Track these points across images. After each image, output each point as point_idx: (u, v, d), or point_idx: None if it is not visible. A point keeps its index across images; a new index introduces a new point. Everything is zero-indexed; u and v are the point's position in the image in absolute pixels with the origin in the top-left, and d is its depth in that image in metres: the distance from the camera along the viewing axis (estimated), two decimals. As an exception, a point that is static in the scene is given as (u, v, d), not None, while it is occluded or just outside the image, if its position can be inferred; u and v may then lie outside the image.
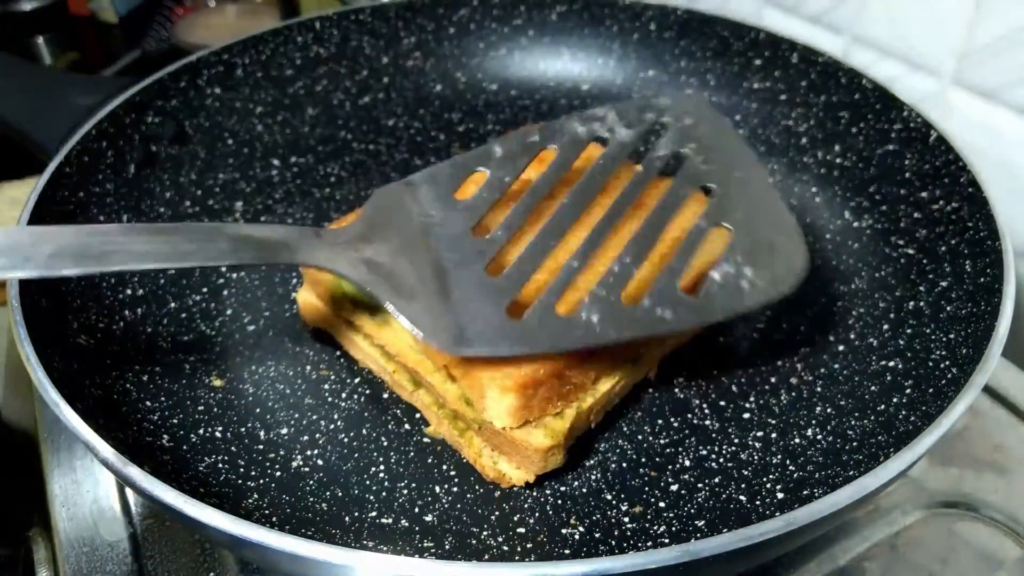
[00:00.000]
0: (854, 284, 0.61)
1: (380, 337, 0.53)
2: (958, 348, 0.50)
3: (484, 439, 0.49)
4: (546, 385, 0.46)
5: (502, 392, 0.45)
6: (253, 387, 0.54)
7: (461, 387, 0.49)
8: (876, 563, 0.51)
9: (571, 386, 0.48)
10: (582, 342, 0.43)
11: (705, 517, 0.47)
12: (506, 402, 0.46)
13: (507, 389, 0.45)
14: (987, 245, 0.53)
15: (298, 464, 0.49)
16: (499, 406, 0.46)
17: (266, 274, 0.62)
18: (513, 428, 0.47)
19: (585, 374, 0.48)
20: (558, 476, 0.50)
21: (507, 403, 0.46)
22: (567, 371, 0.47)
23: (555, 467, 0.48)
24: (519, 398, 0.46)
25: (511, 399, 0.46)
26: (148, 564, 0.50)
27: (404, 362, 0.52)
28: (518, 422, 0.47)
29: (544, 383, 0.46)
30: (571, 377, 0.47)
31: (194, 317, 0.58)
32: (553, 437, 0.47)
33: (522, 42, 0.81)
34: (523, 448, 0.47)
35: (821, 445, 0.50)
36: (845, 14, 0.75)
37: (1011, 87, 0.65)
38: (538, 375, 0.46)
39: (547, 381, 0.46)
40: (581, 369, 0.48)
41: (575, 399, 0.49)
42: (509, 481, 0.49)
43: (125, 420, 0.48)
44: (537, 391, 0.46)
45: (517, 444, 0.47)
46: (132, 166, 0.63)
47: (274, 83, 0.74)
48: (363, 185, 0.71)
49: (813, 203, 0.68)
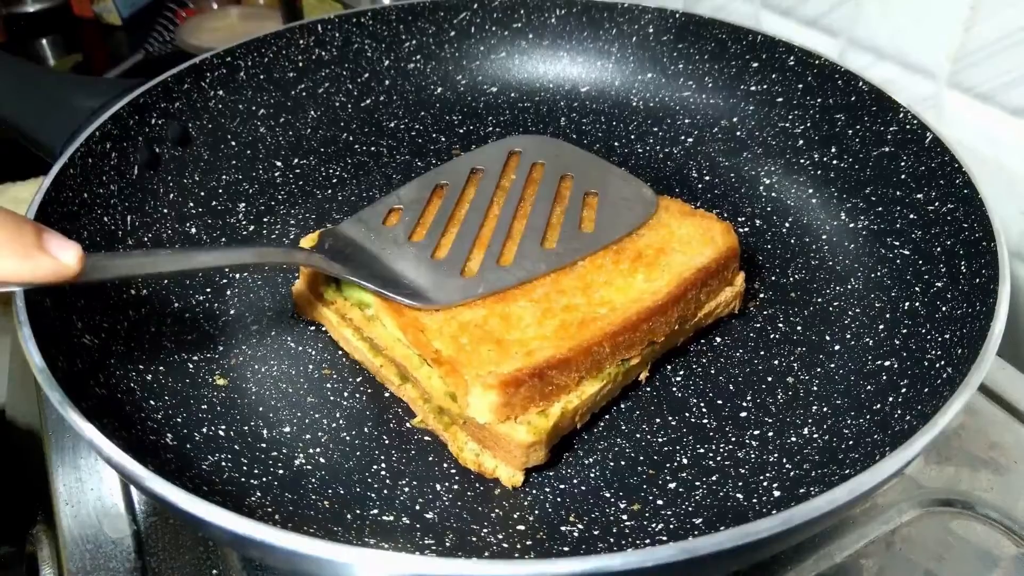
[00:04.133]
0: (850, 284, 0.61)
1: (369, 330, 0.54)
2: (953, 348, 0.50)
3: (469, 433, 0.50)
4: (528, 384, 0.48)
5: (484, 389, 0.47)
6: (256, 386, 0.55)
7: (446, 383, 0.49)
8: (873, 560, 0.51)
9: (553, 386, 0.49)
10: (521, 278, 0.54)
11: (703, 515, 0.47)
12: (488, 399, 0.47)
13: (489, 386, 0.47)
14: (982, 246, 0.53)
15: (300, 462, 0.50)
16: (482, 403, 0.48)
17: (268, 274, 0.63)
18: (495, 424, 0.48)
19: (568, 376, 0.50)
20: (557, 474, 0.50)
21: (489, 400, 0.47)
22: (549, 371, 0.49)
23: (536, 463, 0.49)
24: (501, 395, 0.47)
25: (493, 396, 0.47)
26: (152, 561, 0.50)
27: (392, 356, 0.53)
28: (500, 419, 0.48)
29: (526, 382, 0.48)
30: (553, 377, 0.49)
31: (197, 317, 0.59)
32: (535, 434, 0.48)
33: (522, 45, 0.81)
34: (505, 443, 0.48)
35: (818, 444, 0.51)
36: (841, 17, 0.76)
37: (1006, 89, 0.65)
38: (520, 374, 0.48)
39: (529, 380, 0.48)
40: (564, 370, 0.49)
41: (558, 399, 0.50)
42: (491, 472, 0.50)
43: (129, 419, 0.48)
44: (519, 389, 0.48)
45: (500, 439, 0.48)
46: (136, 167, 0.63)
47: (276, 85, 0.74)
48: (364, 186, 0.72)
49: (809, 204, 0.68)
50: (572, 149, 0.66)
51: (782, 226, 0.68)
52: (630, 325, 0.51)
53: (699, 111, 0.77)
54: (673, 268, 0.55)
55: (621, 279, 0.54)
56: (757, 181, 0.72)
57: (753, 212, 0.69)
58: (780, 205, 0.69)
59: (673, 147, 0.75)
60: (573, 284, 0.54)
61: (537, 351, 0.49)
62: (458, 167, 0.64)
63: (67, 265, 0.40)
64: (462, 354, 0.49)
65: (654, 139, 0.76)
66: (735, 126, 0.75)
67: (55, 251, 0.40)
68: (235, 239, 0.65)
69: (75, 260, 0.40)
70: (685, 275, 0.54)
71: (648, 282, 0.54)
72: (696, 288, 0.55)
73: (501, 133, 0.77)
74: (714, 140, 0.75)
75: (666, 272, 0.55)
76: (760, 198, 0.70)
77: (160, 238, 0.62)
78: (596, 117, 0.79)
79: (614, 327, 0.51)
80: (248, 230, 0.66)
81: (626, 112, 0.79)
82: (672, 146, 0.75)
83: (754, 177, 0.72)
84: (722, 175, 0.73)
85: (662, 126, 0.77)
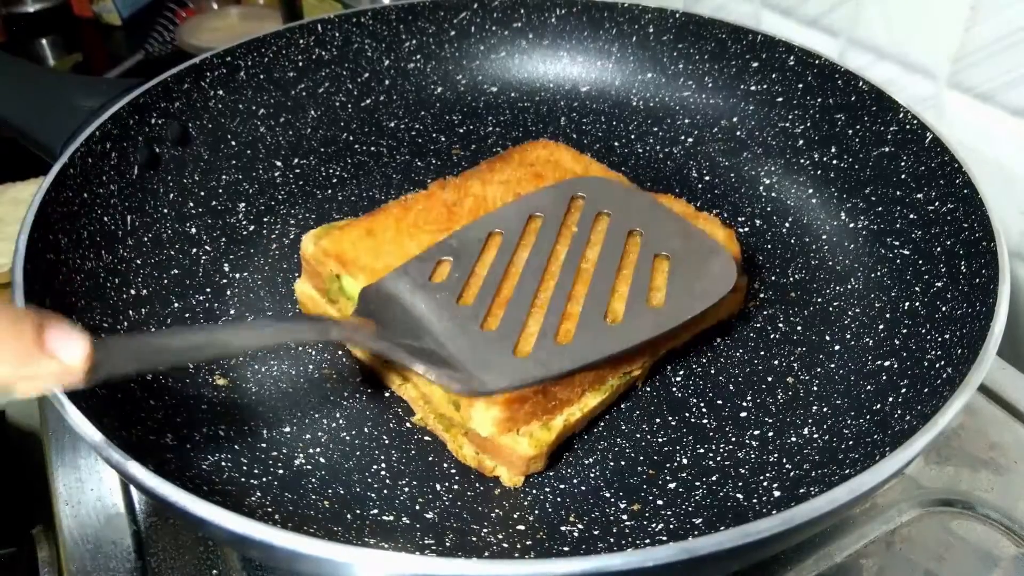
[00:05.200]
0: (850, 284, 0.61)
1: None
2: (953, 348, 0.50)
3: (469, 440, 0.50)
4: (531, 400, 0.48)
5: (488, 404, 0.47)
6: (256, 386, 0.55)
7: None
8: (873, 560, 0.51)
9: (556, 401, 0.49)
10: (580, 361, 0.49)
11: (703, 515, 0.47)
12: (492, 413, 0.47)
13: (493, 402, 0.47)
14: (982, 246, 0.53)
15: (300, 462, 0.50)
16: (485, 416, 0.48)
17: (268, 274, 0.63)
18: (497, 436, 0.48)
19: (571, 390, 0.50)
20: (557, 474, 0.50)
21: (492, 414, 0.47)
22: (552, 387, 0.49)
23: (536, 471, 0.49)
24: (504, 410, 0.47)
25: (496, 411, 0.47)
26: (152, 562, 0.50)
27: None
28: (502, 432, 0.48)
29: (530, 398, 0.48)
30: (556, 393, 0.49)
31: (197, 317, 0.59)
32: (537, 447, 0.48)
33: (522, 45, 0.81)
34: (507, 453, 0.48)
35: (818, 444, 0.51)
36: (842, 17, 0.76)
37: (1006, 89, 0.65)
38: (524, 391, 0.47)
39: (533, 397, 0.48)
40: (567, 385, 0.49)
41: (560, 412, 0.50)
42: (491, 471, 0.50)
43: (129, 419, 0.48)
44: (523, 405, 0.48)
45: (502, 449, 0.48)
46: (136, 168, 0.63)
47: (276, 85, 0.74)
48: (365, 186, 0.72)
49: (809, 204, 0.68)
50: (641, 196, 0.60)
51: (782, 226, 0.68)
52: None
53: (699, 111, 0.77)
54: None
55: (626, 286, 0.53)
56: (757, 181, 0.72)
57: (753, 212, 0.69)
58: (780, 205, 0.69)
59: (673, 147, 0.75)
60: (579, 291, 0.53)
61: None
62: (515, 212, 0.57)
63: (71, 367, 0.35)
64: None
65: (654, 139, 0.76)
66: (735, 126, 0.75)
67: (58, 349, 0.34)
68: (235, 239, 0.65)
69: (81, 358, 0.35)
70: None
71: None
72: None
73: (501, 133, 0.77)
74: (714, 140, 0.75)
75: None
76: (760, 198, 0.70)
77: (160, 238, 0.62)
78: (596, 117, 0.79)
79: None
80: (248, 230, 0.66)
81: (626, 112, 0.79)
82: (672, 146, 0.75)
83: (754, 177, 0.72)
84: (722, 175, 0.73)
85: (662, 126, 0.77)
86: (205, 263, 0.63)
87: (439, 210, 0.59)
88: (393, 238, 0.56)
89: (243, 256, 0.64)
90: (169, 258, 0.62)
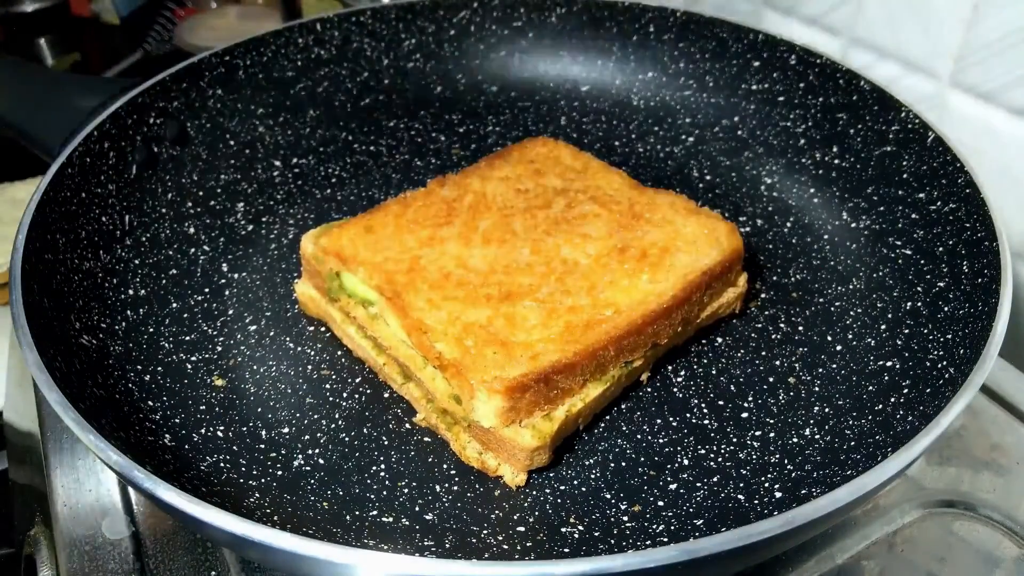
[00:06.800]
0: (852, 284, 0.61)
1: (373, 329, 0.54)
2: (955, 348, 0.50)
3: (472, 435, 0.50)
4: (533, 390, 0.48)
5: (490, 394, 0.47)
6: (255, 387, 0.54)
7: (451, 385, 0.49)
8: (874, 562, 0.51)
9: (558, 390, 0.49)
10: None
11: (704, 516, 0.47)
12: (493, 404, 0.47)
13: (495, 392, 0.47)
14: (984, 246, 0.53)
15: (299, 463, 0.50)
16: (487, 407, 0.47)
17: (267, 274, 0.63)
18: (500, 428, 0.48)
19: (573, 379, 0.50)
20: (558, 475, 0.50)
21: (494, 405, 0.47)
22: (555, 376, 0.48)
23: (540, 465, 0.49)
24: (507, 400, 0.47)
25: (498, 401, 0.47)
26: (150, 563, 0.50)
27: (395, 356, 0.53)
28: (505, 423, 0.48)
29: (531, 387, 0.48)
30: (558, 382, 0.49)
31: (196, 317, 0.58)
32: (540, 438, 0.48)
33: (522, 44, 0.81)
34: (510, 446, 0.48)
35: (819, 445, 0.51)
36: (843, 16, 0.76)
37: (1008, 88, 0.65)
38: (526, 379, 0.47)
39: (534, 385, 0.48)
40: (569, 374, 0.49)
41: (563, 402, 0.50)
42: (494, 471, 0.49)
43: (127, 420, 0.48)
44: (524, 395, 0.48)
45: (504, 442, 0.48)
46: (134, 167, 0.63)
47: (275, 85, 0.74)
48: (364, 186, 0.71)
49: (811, 204, 0.68)
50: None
51: (783, 226, 0.67)
52: (635, 328, 0.51)
53: (700, 110, 0.77)
54: (678, 269, 0.55)
55: (626, 279, 0.54)
56: (758, 181, 0.71)
57: (754, 212, 0.69)
58: (781, 205, 0.69)
59: (674, 146, 0.75)
60: (578, 284, 0.54)
61: (542, 355, 0.49)
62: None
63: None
64: (467, 357, 0.49)
65: (655, 138, 0.76)
66: (736, 125, 0.75)
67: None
68: (234, 239, 0.65)
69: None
70: (690, 277, 0.54)
71: (653, 283, 0.54)
72: (701, 291, 0.54)
73: (501, 133, 0.77)
74: (715, 139, 0.75)
75: (671, 273, 0.54)
76: (761, 198, 0.70)
77: (158, 238, 0.62)
78: (596, 116, 0.78)
79: (619, 331, 0.51)
80: (247, 230, 0.66)
81: (627, 111, 0.78)
82: (673, 145, 0.75)
83: (755, 177, 0.72)
84: (723, 175, 0.72)
85: (663, 125, 0.77)
86: (203, 263, 0.62)
87: (438, 206, 0.59)
88: (392, 234, 0.56)
89: (242, 256, 0.64)
90: (167, 258, 0.62)
